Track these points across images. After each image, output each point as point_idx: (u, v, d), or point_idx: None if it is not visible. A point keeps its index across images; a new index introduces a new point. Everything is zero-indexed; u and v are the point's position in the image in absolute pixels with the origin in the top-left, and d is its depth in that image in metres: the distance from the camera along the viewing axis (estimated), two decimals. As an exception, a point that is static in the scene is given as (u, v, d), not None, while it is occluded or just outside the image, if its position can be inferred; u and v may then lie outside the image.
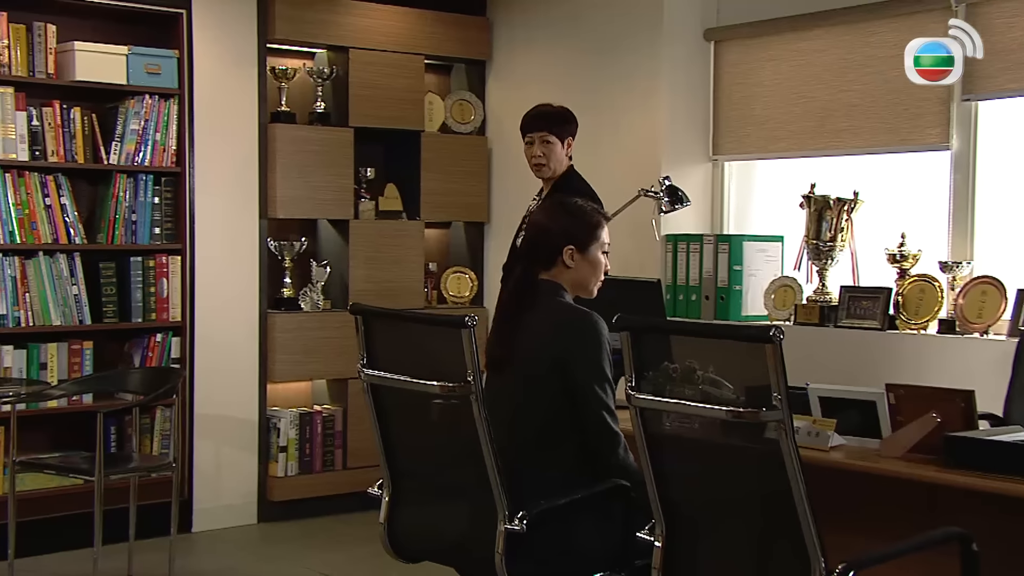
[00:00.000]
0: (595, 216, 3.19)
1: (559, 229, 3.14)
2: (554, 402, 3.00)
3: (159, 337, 5.33)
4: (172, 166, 5.34)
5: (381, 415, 3.00)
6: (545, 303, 3.10)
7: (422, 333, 2.92)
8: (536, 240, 3.18)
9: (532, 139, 4.36)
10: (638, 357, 2.64)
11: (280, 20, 5.55)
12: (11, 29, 4.96)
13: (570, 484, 2.97)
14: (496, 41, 6.26)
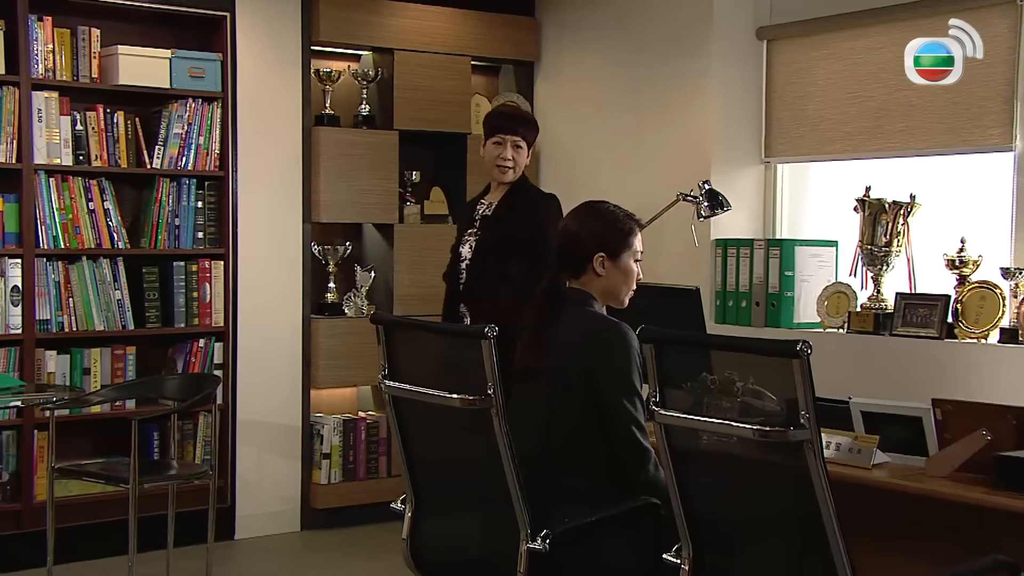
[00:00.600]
0: (628, 222, 3.08)
1: (590, 235, 3.04)
2: (583, 412, 2.90)
3: (202, 342, 5.29)
4: (215, 170, 5.31)
5: (403, 427, 2.91)
6: (574, 312, 2.99)
7: (442, 343, 2.83)
8: (566, 246, 3.07)
9: (503, 140, 4.22)
10: (662, 370, 2.52)
11: (324, 22, 5.50)
12: (56, 34, 4.95)
13: (599, 494, 2.87)
14: (544, 41, 6.15)
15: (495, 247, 4.15)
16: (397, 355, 2.86)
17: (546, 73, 6.17)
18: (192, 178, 5.26)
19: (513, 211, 4.21)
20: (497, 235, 4.17)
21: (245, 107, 5.35)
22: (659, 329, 2.54)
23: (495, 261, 4.13)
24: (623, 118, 5.75)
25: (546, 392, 2.94)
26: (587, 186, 5.83)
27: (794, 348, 2.24)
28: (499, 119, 4.29)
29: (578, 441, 2.91)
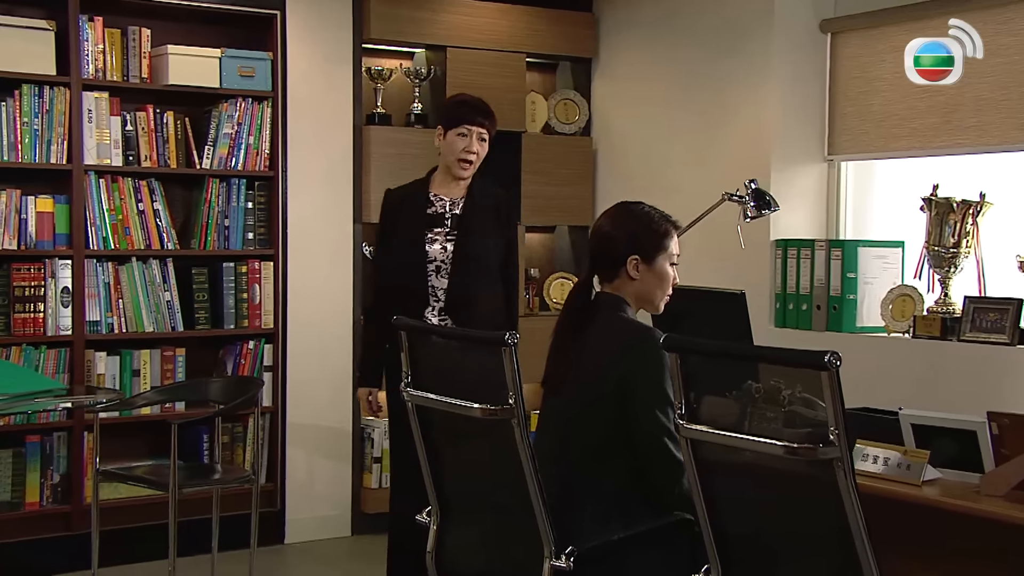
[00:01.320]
0: (663, 224, 2.94)
1: (623, 237, 2.91)
2: (612, 421, 2.77)
3: (251, 344, 5.25)
4: (265, 170, 5.26)
5: (427, 437, 2.81)
6: (606, 319, 2.86)
7: (464, 350, 2.72)
8: (598, 248, 2.94)
9: (469, 132, 3.99)
10: (687, 380, 2.38)
11: (376, 19, 5.42)
12: (106, 34, 4.93)
13: (622, 500, 2.74)
14: (602, 37, 6.01)
15: (478, 250, 3.97)
16: (420, 362, 2.76)
17: (604, 70, 6.03)
18: (242, 178, 5.22)
19: (483, 209, 4.04)
20: (478, 237, 3.98)
21: (295, 106, 5.29)
22: (683, 337, 2.40)
23: (479, 266, 3.96)
24: (681, 115, 5.59)
25: (577, 402, 2.82)
26: (644, 185, 5.69)
27: (821, 359, 2.09)
28: (465, 109, 4.01)
29: (602, 448, 2.79)
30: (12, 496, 4.81)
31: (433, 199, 4.04)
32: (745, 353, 2.48)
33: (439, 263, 3.95)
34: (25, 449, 4.82)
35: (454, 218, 4.00)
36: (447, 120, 4.01)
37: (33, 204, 4.82)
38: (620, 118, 5.94)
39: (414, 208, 3.99)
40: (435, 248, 3.96)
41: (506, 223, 4.09)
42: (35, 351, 4.80)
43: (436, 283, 3.94)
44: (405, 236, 3.99)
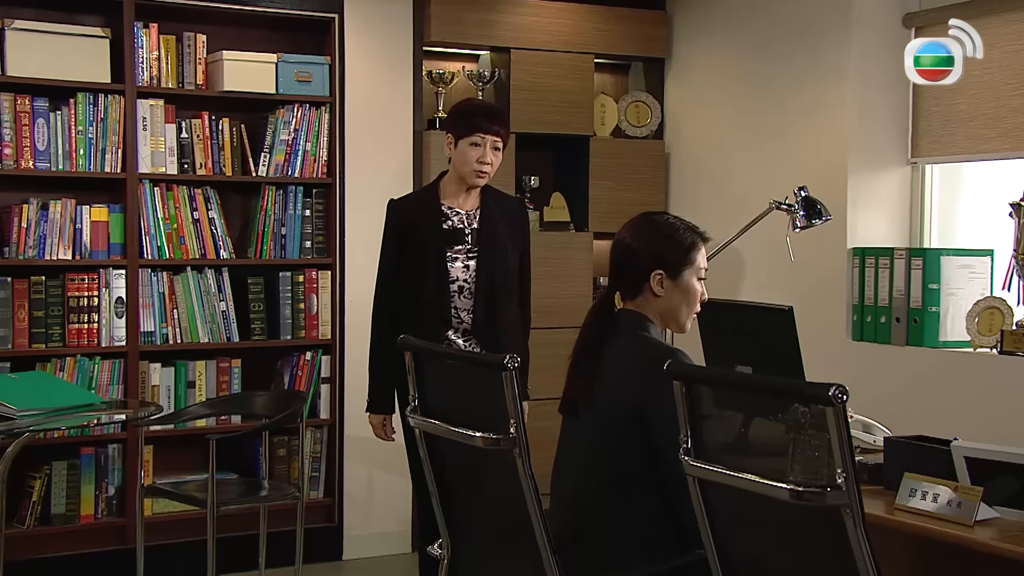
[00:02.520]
0: (689, 235, 2.73)
1: (647, 250, 2.69)
2: (634, 451, 2.55)
3: (308, 355, 5.13)
4: (323, 177, 5.15)
5: (436, 464, 2.62)
6: (626, 338, 2.65)
7: (466, 374, 2.53)
8: (620, 262, 2.73)
9: (483, 141, 3.74)
10: (694, 410, 2.15)
11: (437, 21, 5.26)
12: (161, 41, 4.87)
13: (652, 540, 2.52)
14: (675, 37, 5.78)
15: (502, 267, 3.76)
16: (427, 385, 2.58)
17: (677, 70, 5.79)
18: (299, 186, 5.11)
19: (501, 222, 3.82)
20: (501, 254, 3.77)
21: (354, 112, 5.17)
22: (687, 364, 2.18)
23: (504, 284, 3.75)
24: (756, 116, 5.33)
25: (594, 428, 2.61)
26: (717, 190, 5.45)
27: (825, 393, 1.85)
28: (478, 116, 3.77)
29: (625, 478, 2.57)
30: (67, 509, 4.76)
31: (447, 211, 3.82)
32: (746, 383, 2.23)
33: (461, 283, 3.75)
34: (80, 461, 4.78)
35: (474, 234, 3.79)
36: (457, 127, 3.78)
37: (88, 213, 4.78)
38: (693, 120, 5.70)
39: (428, 223, 3.77)
40: (457, 267, 3.76)
41: (521, 232, 3.88)
42: (89, 362, 4.75)
43: (459, 303, 3.74)
44: (423, 254, 3.77)
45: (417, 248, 3.80)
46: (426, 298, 3.75)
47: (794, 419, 2.82)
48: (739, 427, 2.16)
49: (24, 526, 4.68)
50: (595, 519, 2.59)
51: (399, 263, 3.85)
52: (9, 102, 4.64)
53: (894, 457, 2.73)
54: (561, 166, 5.73)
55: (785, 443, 2.01)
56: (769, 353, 3.24)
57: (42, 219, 4.69)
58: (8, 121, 4.64)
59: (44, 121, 4.69)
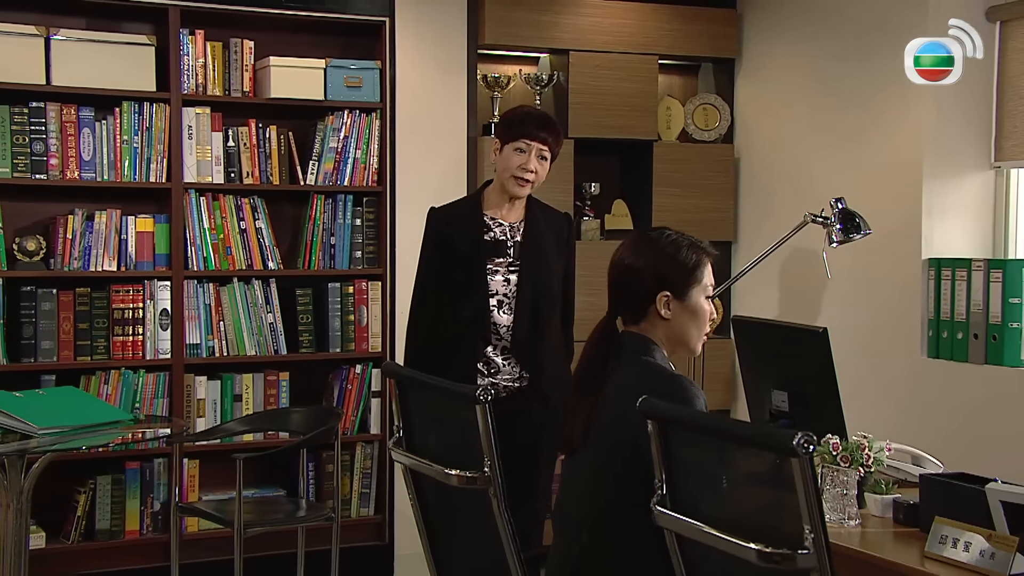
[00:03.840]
0: (694, 253, 2.50)
1: (650, 271, 2.47)
2: (636, 479, 2.32)
3: (359, 368, 4.99)
4: (373, 185, 5.00)
5: (422, 500, 2.43)
6: (631, 364, 2.42)
7: (444, 406, 2.33)
8: (621, 285, 2.51)
9: (528, 148, 3.53)
10: (667, 454, 1.92)
11: (491, 23, 5.08)
12: (208, 47, 4.78)
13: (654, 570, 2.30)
14: (746, 36, 5.50)
15: (545, 282, 3.54)
16: (411, 416, 2.39)
17: (748, 70, 5.51)
18: (348, 194, 4.97)
19: (546, 234, 3.61)
20: (544, 267, 3.56)
21: (405, 117, 5.01)
22: (658, 402, 1.95)
23: (546, 299, 3.53)
24: (830, 117, 5.04)
25: (599, 452, 2.39)
26: (789, 195, 5.17)
27: (789, 442, 1.61)
28: (527, 122, 3.57)
29: (633, 505, 2.35)
30: (112, 524, 4.69)
31: (490, 223, 3.63)
32: (715, 427, 1.98)
33: (501, 297, 3.55)
34: (125, 476, 4.71)
35: (517, 246, 3.59)
36: (505, 132, 3.59)
37: (133, 224, 4.70)
38: (765, 123, 5.42)
39: (470, 233, 3.58)
40: (497, 280, 3.56)
41: (566, 247, 3.67)
42: (134, 375, 4.68)
43: (498, 319, 3.54)
44: (462, 266, 3.58)
45: (457, 260, 3.63)
46: (465, 313, 3.56)
47: (825, 451, 2.58)
48: (713, 474, 1.93)
49: (69, 541, 4.62)
50: (600, 541, 2.38)
51: (438, 275, 3.67)
52: (55, 112, 4.58)
53: (929, 497, 2.46)
54: (623, 172, 5.50)
55: (758, 495, 1.76)
56: (804, 377, 2.99)
57: (87, 230, 4.63)
58: (54, 131, 4.58)
59: (90, 131, 4.63)
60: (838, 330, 4.91)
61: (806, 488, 1.64)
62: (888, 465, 2.83)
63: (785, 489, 1.64)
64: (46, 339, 4.58)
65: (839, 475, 2.52)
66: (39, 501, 4.59)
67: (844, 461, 2.59)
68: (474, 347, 3.49)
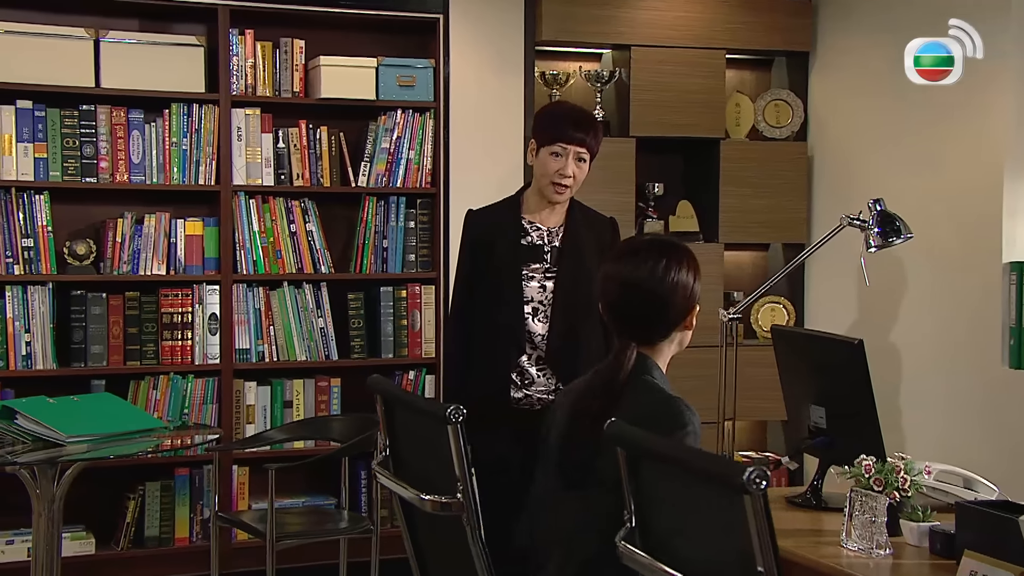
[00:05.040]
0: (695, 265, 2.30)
1: (681, 291, 2.27)
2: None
3: (412, 375, 4.86)
4: (427, 187, 4.87)
5: (409, 522, 2.27)
6: (632, 391, 2.23)
7: (419, 425, 2.16)
8: (645, 305, 2.31)
9: (564, 151, 3.31)
10: (636, 485, 1.73)
11: (549, 19, 4.91)
12: (257, 47, 4.69)
13: None
14: (821, 28, 5.23)
15: (582, 289, 3.33)
16: (397, 435, 2.23)
17: (823, 64, 5.24)
18: (401, 196, 4.85)
19: (586, 240, 3.41)
20: (582, 274, 3.34)
21: (460, 117, 4.87)
22: (626, 426, 1.75)
23: (584, 307, 3.30)
24: (908, 114, 4.75)
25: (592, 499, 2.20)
26: (865, 195, 4.85)
27: (739, 477, 1.41)
28: (562, 122, 3.35)
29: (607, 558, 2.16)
30: (161, 531, 4.64)
31: (528, 227, 3.44)
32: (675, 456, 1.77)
33: (537, 304, 3.37)
34: (174, 482, 4.65)
35: (554, 251, 3.40)
36: (540, 135, 3.38)
37: (182, 227, 4.64)
38: (840, 119, 5.15)
39: (507, 237, 3.39)
40: (532, 286, 3.37)
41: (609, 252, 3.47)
42: (183, 380, 4.62)
43: (533, 327, 3.35)
44: (498, 271, 3.39)
45: (492, 264, 3.45)
46: (499, 320, 3.39)
47: (858, 473, 2.36)
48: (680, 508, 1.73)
49: (118, 548, 4.58)
50: None
51: (472, 280, 3.51)
52: (105, 115, 4.55)
53: (965, 527, 2.21)
54: (688, 172, 5.28)
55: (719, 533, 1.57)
56: (841, 391, 2.76)
57: (136, 233, 4.58)
58: (104, 134, 4.55)
59: (139, 133, 4.58)
60: (913, 341, 4.67)
61: (758, 528, 1.44)
62: (935, 488, 2.59)
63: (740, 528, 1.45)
64: (96, 343, 4.55)
65: (868, 500, 2.29)
66: (89, 507, 4.59)
67: (877, 485, 2.37)
68: (507, 356, 3.32)
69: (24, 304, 4.45)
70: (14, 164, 4.45)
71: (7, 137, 4.45)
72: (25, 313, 4.45)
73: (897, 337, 4.73)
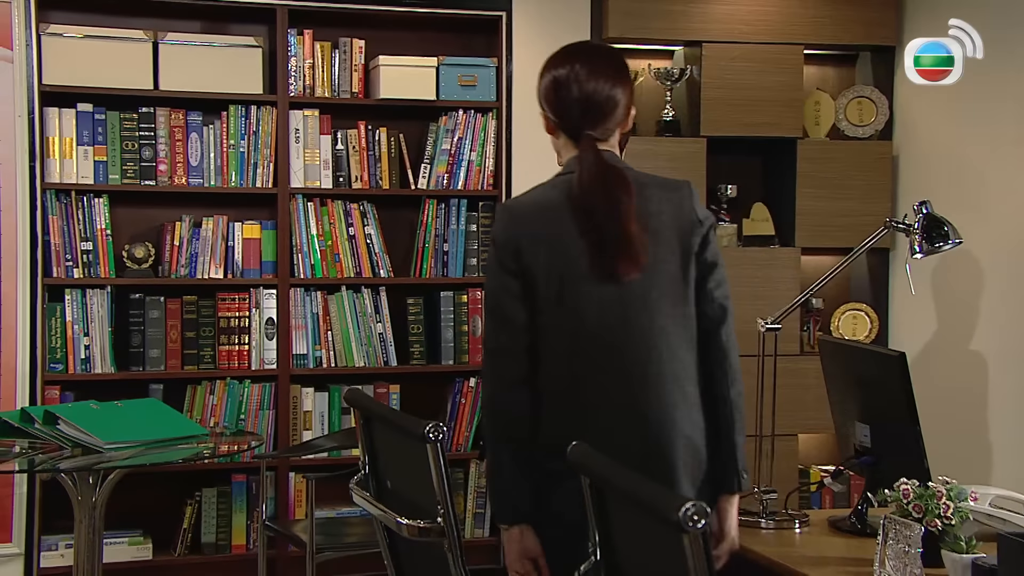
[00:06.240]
0: None
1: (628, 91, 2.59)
2: None
3: (472, 382, 4.73)
4: (489, 189, 4.74)
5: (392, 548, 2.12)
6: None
7: (399, 442, 2.01)
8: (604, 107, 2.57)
9: None
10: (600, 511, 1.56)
11: (616, 15, 4.73)
12: (316, 48, 4.61)
13: None
14: (908, 22, 4.95)
15: None
16: (378, 453, 2.08)
17: (908, 62, 4.94)
18: (462, 198, 4.73)
19: None
20: None
21: (523, 117, 4.72)
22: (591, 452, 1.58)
23: None
24: (1001, 112, 4.46)
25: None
26: (956, 197, 4.59)
27: (673, 515, 1.23)
28: None
29: None
30: (218, 538, 4.58)
31: None
32: (617, 484, 1.59)
33: None
34: (231, 488, 4.59)
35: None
36: None
37: (240, 231, 4.58)
38: (928, 117, 4.87)
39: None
40: None
41: None
42: (239, 385, 4.56)
43: None
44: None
45: None
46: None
47: (896, 498, 2.16)
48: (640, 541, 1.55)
49: (176, 553, 4.53)
50: None
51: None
52: (164, 117, 4.51)
53: (1007, 560, 1.99)
54: (763, 173, 5.04)
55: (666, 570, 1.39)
56: (884, 406, 2.54)
57: (194, 237, 4.54)
58: (163, 137, 4.51)
59: (197, 135, 4.54)
60: (997, 352, 4.37)
61: (696, 568, 1.26)
62: (992, 516, 2.36)
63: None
64: (154, 348, 4.51)
65: (902, 528, 2.08)
66: (147, 512, 4.55)
67: (917, 511, 2.15)
68: None
69: (83, 308, 4.44)
70: (74, 167, 4.44)
71: (68, 140, 4.44)
72: (84, 317, 4.43)
73: (992, 347, 4.44)
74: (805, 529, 2.72)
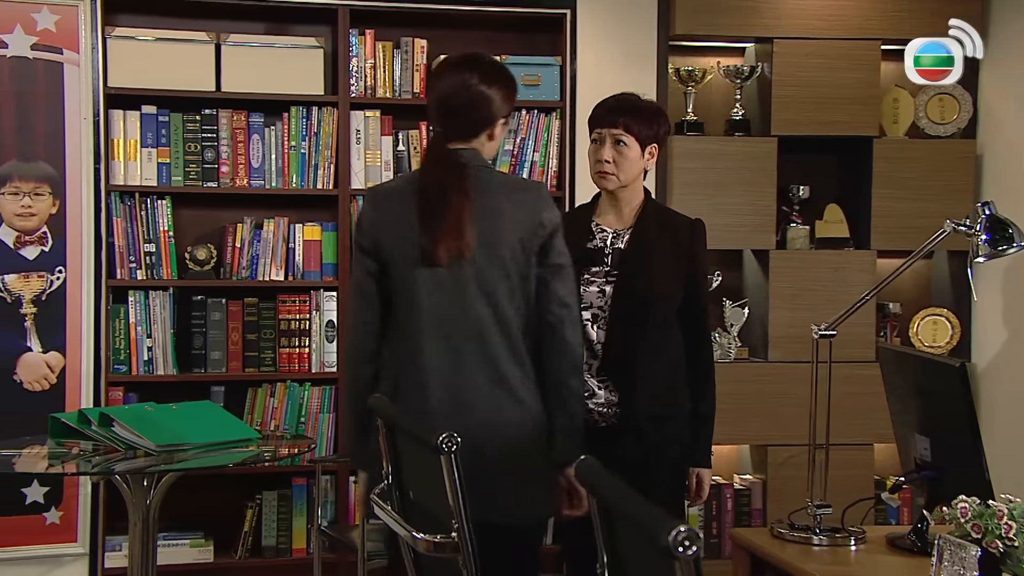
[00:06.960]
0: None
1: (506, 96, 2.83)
2: None
3: (535, 387, 4.63)
4: (553, 190, 4.64)
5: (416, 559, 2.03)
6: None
7: (416, 452, 1.91)
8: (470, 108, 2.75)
9: (600, 136, 3.15)
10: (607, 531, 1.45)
11: (684, 12, 4.61)
12: (378, 48, 4.57)
13: None
14: (994, 15, 4.74)
15: (644, 295, 3.05)
16: (401, 461, 1.99)
17: (995, 55, 4.75)
18: (525, 200, 4.62)
19: (655, 243, 3.12)
20: (644, 278, 3.06)
21: (586, 117, 4.59)
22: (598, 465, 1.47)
23: (646, 315, 3.05)
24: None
25: None
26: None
27: (664, 538, 1.12)
28: (597, 108, 3.21)
29: None
30: (278, 541, 4.56)
31: (594, 229, 3.21)
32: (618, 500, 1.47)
33: (596, 310, 3.10)
34: (291, 492, 4.56)
35: (616, 253, 3.14)
36: (589, 128, 3.24)
37: (300, 232, 4.55)
38: (1016, 115, 4.66)
39: (574, 240, 3.11)
40: (591, 291, 3.11)
41: (688, 259, 3.17)
42: (299, 388, 4.53)
43: (591, 334, 3.09)
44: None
45: None
46: None
47: (954, 516, 2.02)
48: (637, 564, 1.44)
49: (236, 556, 4.52)
50: None
51: None
52: (226, 119, 4.50)
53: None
54: (838, 173, 4.87)
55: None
56: (945, 421, 2.39)
57: (255, 238, 4.52)
58: (225, 138, 4.50)
59: (259, 137, 4.52)
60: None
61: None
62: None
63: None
64: (215, 350, 4.50)
65: (957, 550, 1.94)
66: (209, 514, 4.54)
67: (976, 531, 2.01)
68: None
69: (146, 309, 4.44)
70: (138, 169, 4.45)
71: (132, 142, 4.45)
72: (147, 318, 4.44)
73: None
74: (861, 546, 2.58)
